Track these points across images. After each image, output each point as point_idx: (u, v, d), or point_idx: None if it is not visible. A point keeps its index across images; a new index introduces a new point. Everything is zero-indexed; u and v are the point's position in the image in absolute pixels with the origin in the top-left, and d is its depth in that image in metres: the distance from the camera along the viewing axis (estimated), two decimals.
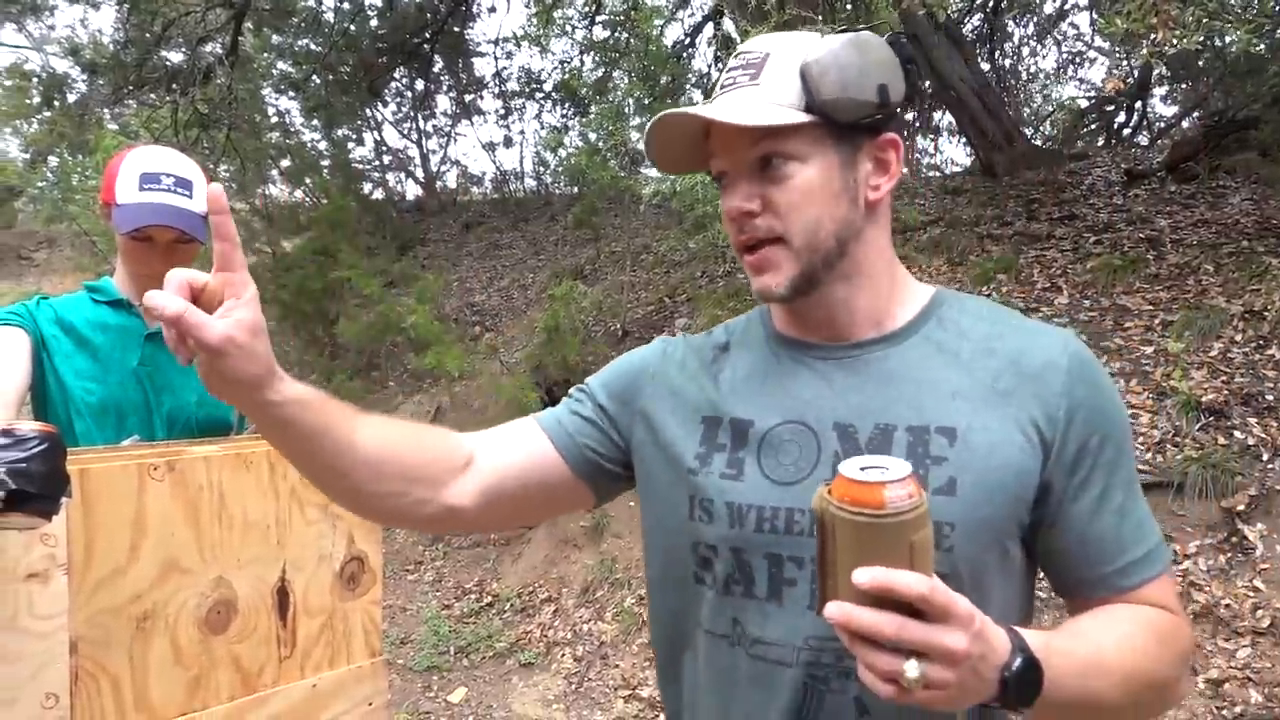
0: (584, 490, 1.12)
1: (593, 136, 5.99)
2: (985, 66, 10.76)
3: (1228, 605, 3.07)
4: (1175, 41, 3.01)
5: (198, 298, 0.80)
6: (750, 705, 0.94)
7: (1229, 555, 3.26)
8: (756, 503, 0.94)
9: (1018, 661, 0.73)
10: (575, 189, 9.07)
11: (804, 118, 0.90)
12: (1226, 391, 3.82)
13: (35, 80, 12.26)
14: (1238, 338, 4.14)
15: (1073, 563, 0.93)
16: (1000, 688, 0.72)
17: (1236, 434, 3.63)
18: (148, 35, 8.97)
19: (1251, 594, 3.09)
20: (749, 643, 0.94)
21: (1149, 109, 11.37)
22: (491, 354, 6.39)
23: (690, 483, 0.99)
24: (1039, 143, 10.47)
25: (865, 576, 0.66)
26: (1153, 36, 3.02)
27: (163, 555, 1.33)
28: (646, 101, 6.02)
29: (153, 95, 9.35)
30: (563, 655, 4.18)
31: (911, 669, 0.66)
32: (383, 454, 0.96)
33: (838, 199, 0.93)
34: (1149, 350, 4.25)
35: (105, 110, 10.48)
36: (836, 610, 0.68)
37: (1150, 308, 4.58)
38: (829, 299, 0.97)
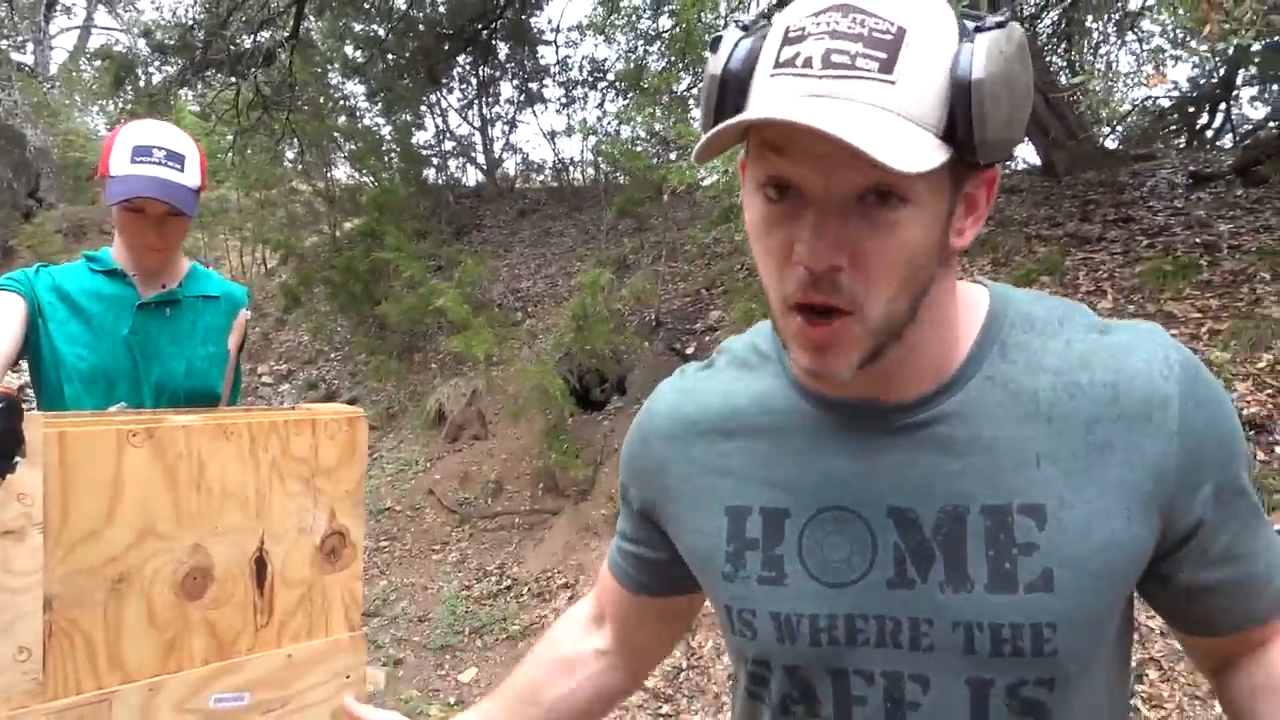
0: (679, 599, 1.00)
1: (658, 127, 5.97)
2: (1061, 63, 10.47)
3: None
4: (1227, 36, 2.89)
5: None
6: None
7: None
8: (808, 611, 0.79)
9: None
10: (622, 179, 9.09)
11: (945, 153, 0.64)
12: (1271, 405, 3.68)
13: (113, 61, 12.70)
14: None
15: (1217, 606, 0.78)
16: None
17: (1278, 449, 3.50)
18: (215, 18, 9.23)
19: None
20: None
21: (1233, 110, 10.92)
22: (529, 340, 6.46)
23: (726, 590, 0.84)
24: (1113, 143, 10.15)
25: None
26: (1203, 30, 2.90)
27: (140, 520, 1.36)
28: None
29: (219, 77, 9.62)
30: None
31: None
32: None
33: (931, 256, 0.70)
34: None
35: (186, 91, 10.82)
36: None
37: (1198, 315, 4.42)
38: (884, 363, 0.74)
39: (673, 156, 5.77)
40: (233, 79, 8.86)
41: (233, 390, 1.94)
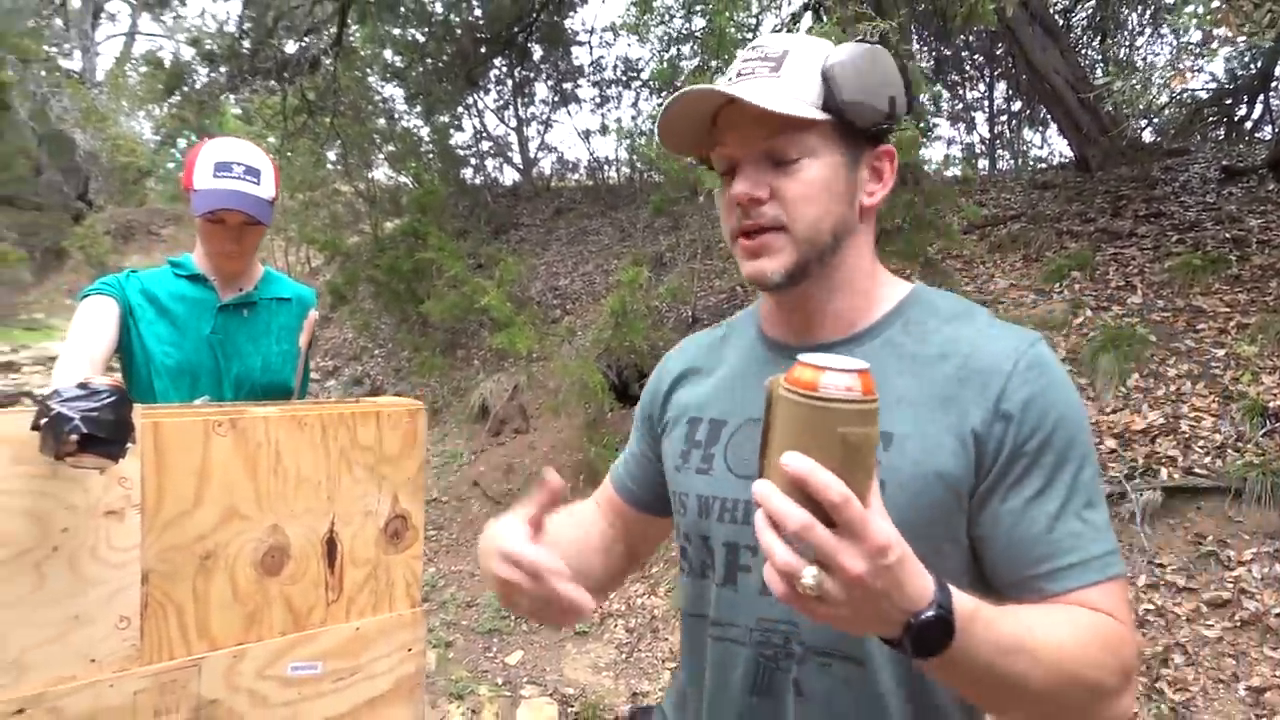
0: (654, 522, 1.25)
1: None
2: (1097, 57, 10.37)
3: (1278, 615, 3.02)
4: (1244, 39, 2.93)
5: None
6: (715, 682, 1.02)
7: None
8: (720, 494, 1.01)
9: (929, 614, 0.69)
10: (657, 177, 9.16)
11: (822, 115, 0.93)
12: None
13: (161, 68, 13.02)
14: None
15: (1000, 563, 0.90)
16: (902, 630, 0.69)
17: None
18: (262, 26, 9.46)
19: None
20: (711, 624, 1.02)
21: (1273, 99, 10.70)
22: (569, 336, 6.58)
23: (674, 479, 1.09)
24: (1149, 136, 10.02)
25: (789, 460, 0.64)
26: (1220, 32, 2.94)
27: (224, 502, 1.49)
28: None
29: (268, 83, 9.86)
30: (615, 626, 4.33)
31: (809, 575, 0.64)
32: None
33: (839, 198, 0.96)
34: (1220, 353, 4.14)
35: (230, 97, 11.08)
36: (758, 488, 0.67)
37: (1226, 310, 4.44)
38: (810, 297, 1.00)
39: None
40: (278, 85, 9.09)
41: (302, 384, 2.10)
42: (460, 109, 13.04)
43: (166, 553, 1.44)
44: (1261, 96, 10.17)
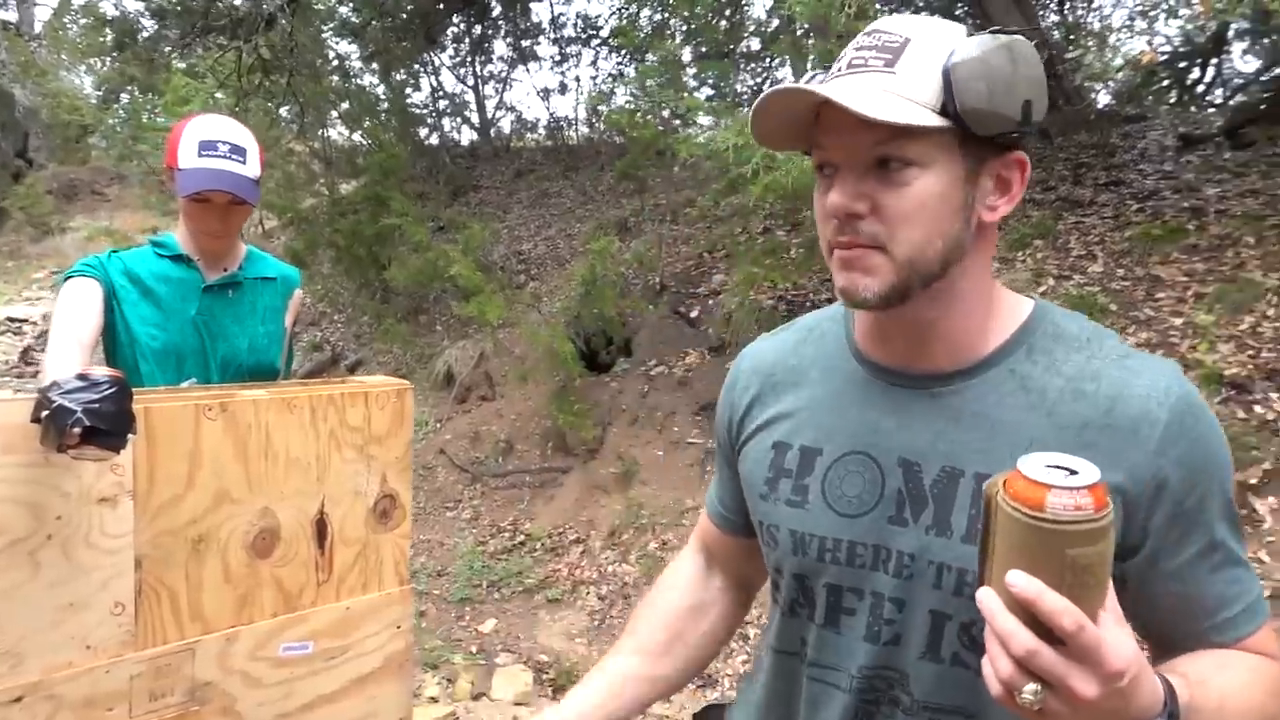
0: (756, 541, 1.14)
1: (649, 83, 6.02)
2: (1054, 19, 10.43)
3: None
4: (1220, 15, 2.98)
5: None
6: (807, 718, 0.99)
7: None
8: (819, 533, 0.94)
9: None
10: (621, 139, 9.08)
11: (939, 121, 0.81)
12: (1252, 366, 3.83)
13: (107, 22, 12.55)
14: (1270, 312, 4.12)
15: (1167, 621, 0.88)
16: None
17: (1257, 409, 3.66)
18: None
19: (1256, 565, 3.16)
20: (808, 664, 0.99)
21: (1225, 64, 10.87)
22: (535, 303, 6.55)
23: (759, 508, 1.02)
24: (1104, 101, 10.15)
25: (1018, 581, 0.61)
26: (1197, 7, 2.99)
27: (215, 486, 1.48)
28: (704, 50, 6.00)
29: (220, 40, 9.56)
30: (588, 593, 4.40)
31: (1030, 691, 0.62)
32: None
33: (952, 216, 0.84)
34: (1178, 322, 4.26)
35: (174, 53, 10.73)
36: (985, 599, 0.65)
37: (1185, 279, 4.55)
38: (915, 319, 0.90)
39: (676, 123, 5.83)
40: (230, 42, 8.81)
41: (286, 364, 2.08)
42: (417, 67, 12.80)
43: (159, 538, 1.44)
44: (1214, 60, 10.34)
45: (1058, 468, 0.63)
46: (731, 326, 5.29)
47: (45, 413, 1.18)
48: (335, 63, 12.35)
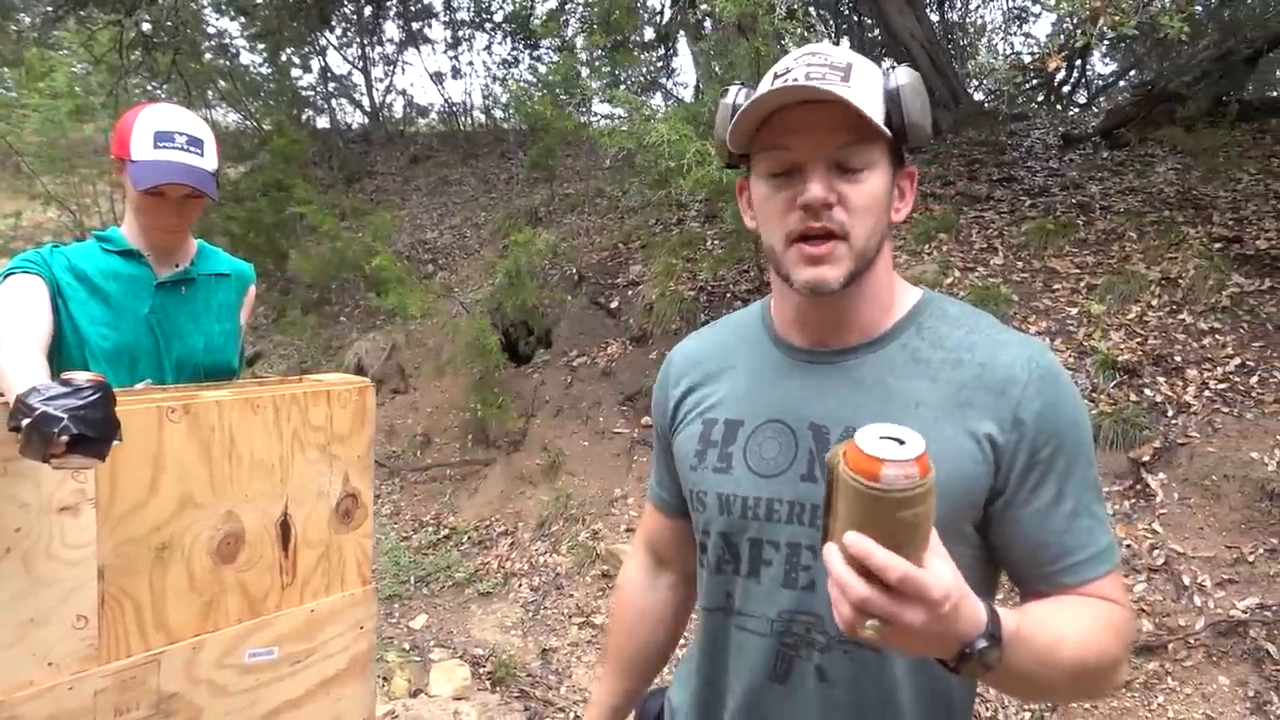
0: None
1: (541, 69, 5.99)
2: (935, 18, 10.83)
3: (1128, 545, 3.38)
4: (1115, 27, 3.18)
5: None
6: (736, 668, 1.08)
7: (1133, 501, 3.57)
8: (741, 493, 1.05)
9: (982, 644, 0.77)
10: (527, 127, 8.99)
11: (888, 131, 0.96)
12: (1140, 352, 4.11)
13: None
14: (1153, 302, 4.42)
15: (1024, 562, 0.99)
16: (957, 657, 0.78)
17: (1146, 391, 3.93)
18: None
19: (1150, 535, 3.40)
20: (734, 615, 1.07)
21: (1088, 67, 11.54)
22: (446, 293, 6.43)
23: (689, 478, 1.12)
24: (983, 99, 10.61)
25: (852, 541, 0.71)
26: (1091, 19, 3.18)
27: (179, 490, 1.44)
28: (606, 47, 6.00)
29: (98, 14, 8.99)
30: (520, 585, 4.38)
31: (870, 627, 0.72)
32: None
33: (884, 214, 1.00)
34: (1074, 312, 4.52)
35: (35, 24, 10.05)
36: (827, 554, 0.74)
37: (1077, 271, 4.83)
38: (843, 307, 1.04)
39: (598, 113, 5.82)
40: (113, 16, 8.30)
41: (242, 362, 2.00)
42: (306, 48, 12.37)
43: (122, 546, 1.39)
44: (1078, 62, 10.95)
45: (889, 438, 0.72)
46: (653, 317, 5.31)
47: (26, 420, 1.11)
48: (220, 40, 11.83)
